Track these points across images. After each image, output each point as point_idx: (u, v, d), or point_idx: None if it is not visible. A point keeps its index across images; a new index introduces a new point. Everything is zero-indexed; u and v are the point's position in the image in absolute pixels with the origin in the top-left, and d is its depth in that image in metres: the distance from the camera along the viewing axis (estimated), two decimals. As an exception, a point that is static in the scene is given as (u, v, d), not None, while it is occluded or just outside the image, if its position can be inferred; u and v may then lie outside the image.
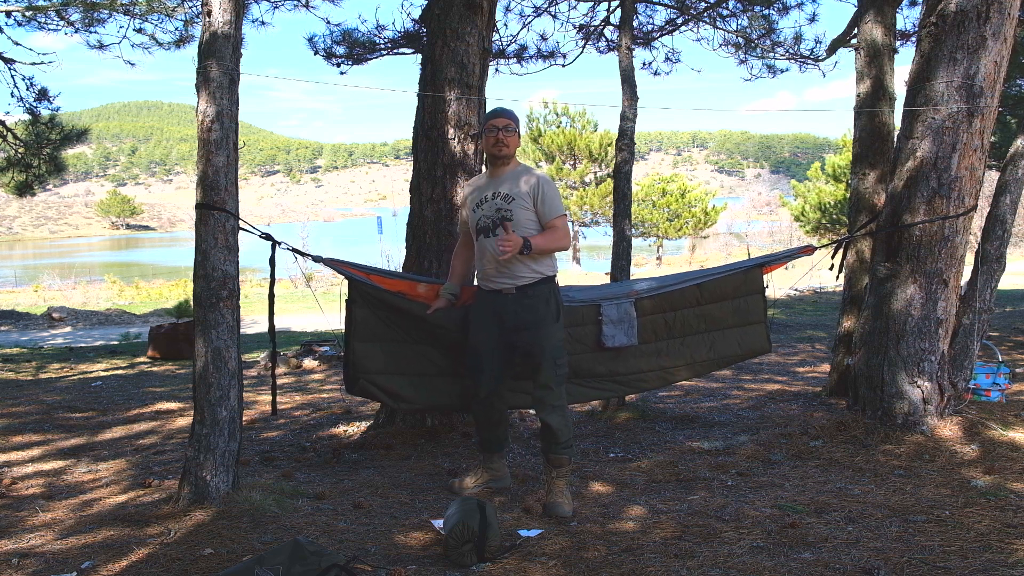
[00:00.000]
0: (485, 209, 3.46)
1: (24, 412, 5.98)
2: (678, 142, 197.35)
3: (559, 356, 3.42)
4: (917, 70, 4.18)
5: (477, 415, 3.72)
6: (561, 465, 3.42)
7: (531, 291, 3.39)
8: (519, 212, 3.39)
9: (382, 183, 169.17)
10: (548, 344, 3.39)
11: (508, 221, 3.35)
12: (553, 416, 3.41)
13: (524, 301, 3.38)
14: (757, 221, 50.99)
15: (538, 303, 3.39)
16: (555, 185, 3.48)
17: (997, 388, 4.68)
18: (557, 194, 3.45)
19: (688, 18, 7.90)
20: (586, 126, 31.35)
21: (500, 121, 3.44)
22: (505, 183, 3.44)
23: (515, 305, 3.40)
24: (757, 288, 4.38)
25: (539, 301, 3.39)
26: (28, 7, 8.85)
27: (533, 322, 3.38)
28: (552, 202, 3.41)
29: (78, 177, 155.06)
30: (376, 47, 7.02)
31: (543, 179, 3.44)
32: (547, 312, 3.39)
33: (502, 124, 3.43)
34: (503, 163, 3.48)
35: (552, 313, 3.41)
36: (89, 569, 2.78)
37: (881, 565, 2.66)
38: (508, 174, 3.47)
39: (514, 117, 3.51)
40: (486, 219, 3.45)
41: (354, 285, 3.74)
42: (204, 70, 3.30)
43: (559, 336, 3.45)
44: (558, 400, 3.43)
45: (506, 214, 3.39)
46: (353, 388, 3.79)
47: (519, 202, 3.39)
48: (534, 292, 3.39)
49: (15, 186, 10.10)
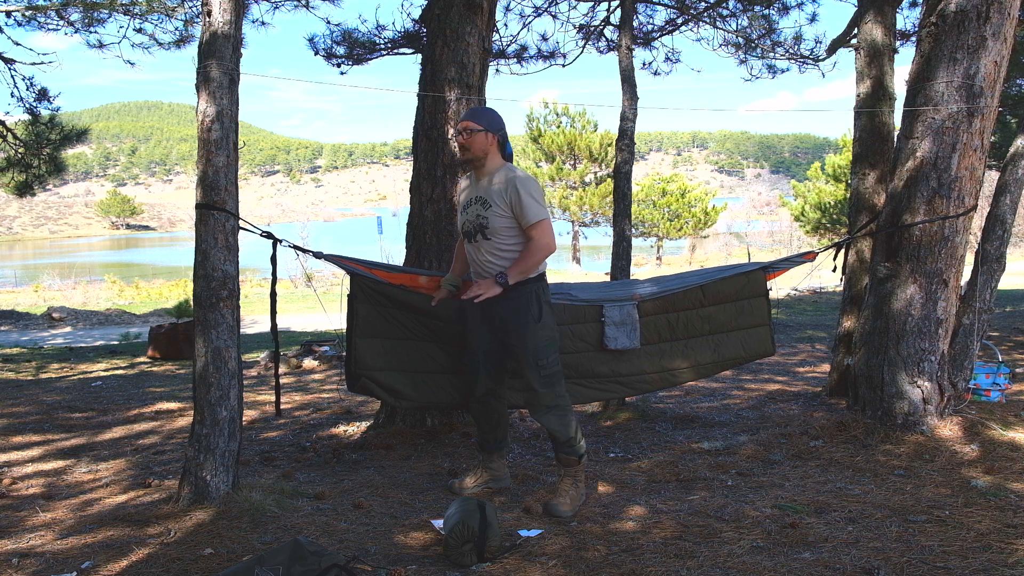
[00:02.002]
0: (468, 214, 3.41)
1: (24, 412, 5.98)
2: (678, 142, 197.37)
3: (541, 357, 3.32)
4: (917, 70, 4.18)
5: (475, 414, 3.71)
6: (567, 465, 3.41)
7: (512, 293, 3.30)
8: (495, 220, 3.30)
9: (382, 183, 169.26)
10: (529, 345, 3.31)
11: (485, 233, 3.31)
12: (546, 417, 3.38)
13: (506, 303, 3.32)
14: (757, 221, 51.04)
15: (519, 304, 3.31)
16: (532, 186, 3.28)
17: (997, 388, 4.68)
18: (534, 197, 3.26)
19: (688, 18, 7.90)
20: (586, 126, 31.35)
21: (461, 124, 3.37)
22: (483, 187, 3.37)
23: (498, 306, 3.34)
24: (761, 291, 4.39)
25: (520, 302, 3.31)
26: (28, 7, 8.84)
27: (514, 323, 3.33)
28: (528, 208, 3.24)
29: (78, 177, 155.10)
30: (376, 47, 7.02)
31: (518, 182, 3.26)
32: (528, 313, 3.31)
33: (462, 126, 3.36)
34: (476, 165, 3.40)
35: (534, 314, 3.31)
36: (89, 569, 2.78)
37: (881, 565, 2.66)
38: (486, 178, 3.38)
39: (477, 117, 3.36)
40: (469, 224, 3.41)
41: (356, 281, 3.74)
42: (204, 70, 3.30)
43: (543, 336, 3.33)
44: (550, 401, 3.36)
45: (483, 222, 3.33)
46: (354, 385, 3.78)
47: (495, 209, 3.30)
48: (515, 294, 3.31)
49: (15, 186, 10.10)
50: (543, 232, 3.27)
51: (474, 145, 3.34)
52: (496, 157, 3.41)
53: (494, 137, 3.37)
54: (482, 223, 3.34)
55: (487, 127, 3.35)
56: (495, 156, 3.40)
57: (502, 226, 3.31)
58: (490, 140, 3.36)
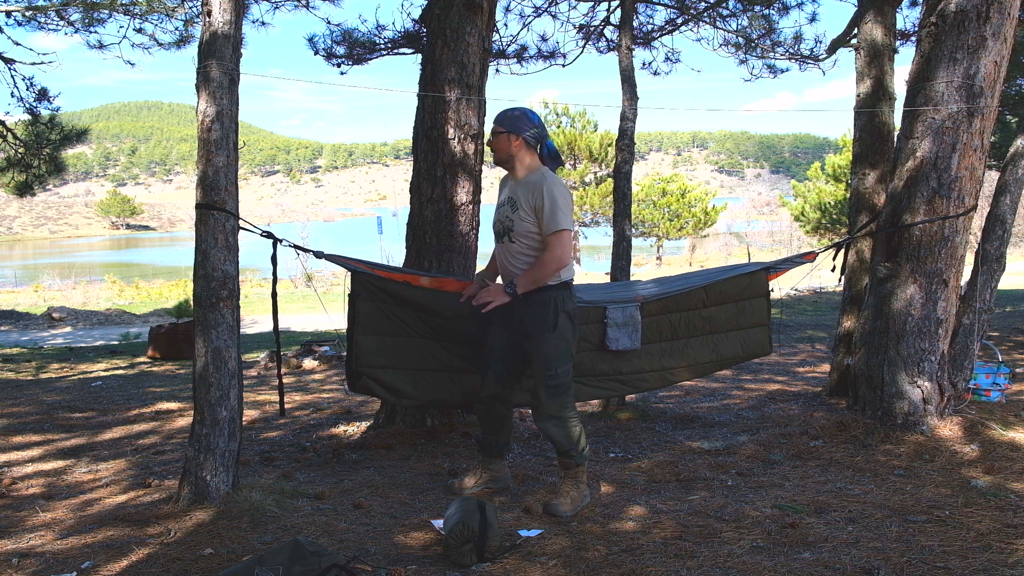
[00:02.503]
0: (499, 214, 3.44)
1: (24, 412, 5.98)
2: (678, 142, 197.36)
3: (550, 367, 3.28)
4: (917, 70, 4.18)
5: (479, 415, 3.70)
6: (566, 467, 3.41)
7: (530, 299, 3.31)
8: (519, 224, 3.31)
9: (382, 183, 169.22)
10: (541, 353, 3.30)
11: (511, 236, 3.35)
12: (547, 425, 3.36)
13: (525, 308, 3.33)
14: (757, 221, 51.05)
15: (536, 311, 3.31)
16: (559, 193, 3.24)
17: (997, 388, 4.68)
18: (560, 206, 3.22)
19: (688, 18, 7.90)
20: (586, 126, 31.33)
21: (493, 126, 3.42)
22: (515, 189, 3.39)
23: (518, 310, 3.36)
24: (762, 291, 4.40)
25: (537, 309, 3.30)
26: (28, 7, 8.85)
27: (530, 329, 3.32)
28: (552, 216, 3.21)
29: (78, 177, 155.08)
30: (376, 47, 7.02)
31: (545, 188, 3.24)
32: (543, 322, 3.29)
33: (492, 130, 3.41)
34: (507, 167, 3.42)
35: (549, 323, 3.28)
36: (89, 569, 2.78)
37: (881, 565, 2.66)
38: (521, 180, 3.38)
39: (501, 120, 3.37)
40: (498, 224, 3.43)
41: (357, 278, 3.73)
42: (204, 70, 3.30)
43: (556, 346, 3.29)
44: (554, 411, 3.33)
45: (509, 224, 3.36)
46: (355, 384, 3.77)
47: (521, 212, 3.31)
48: (533, 300, 3.31)
49: (15, 186, 10.10)
50: (558, 243, 3.23)
51: (497, 147, 3.38)
52: (527, 159, 3.39)
53: (519, 139, 3.34)
54: (508, 225, 3.36)
55: (509, 129, 3.34)
56: (526, 158, 3.38)
57: (526, 230, 3.31)
58: (513, 142, 3.35)
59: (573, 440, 3.36)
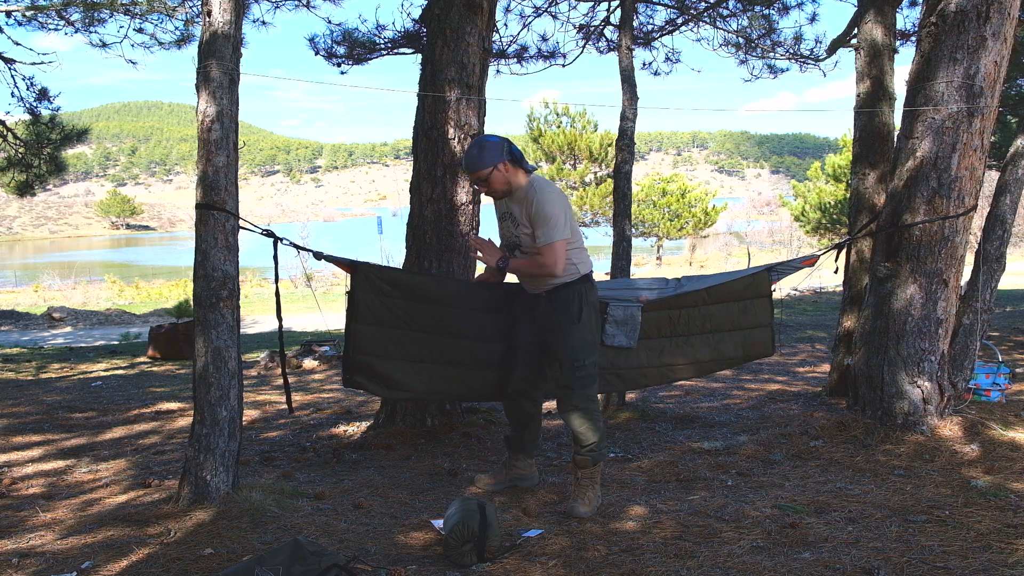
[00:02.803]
0: (503, 228, 3.54)
1: (24, 412, 5.98)
2: (678, 142, 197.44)
3: (577, 359, 3.37)
4: (917, 70, 4.18)
5: (507, 411, 3.80)
6: (583, 467, 3.41)
7: (554, 294, 3.42)
8: (525, 239, 3.41)
9: (382, 183, 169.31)
10: (567, 345, 3.38)
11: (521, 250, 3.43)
12: (572, 416, 3.40)
13: (550, 303, 3.43)
14: (757, 221, 51.01)
15: (560, 305, 3.40)
16: (553, 206, 3.25)
17: (997, 388, 4.68)
18: (550, 219, 3.24)
19: (688, 18, 7.90)
20: (586, 126, 31.30)
21: (472, 178, 3.44)
22: (509, 204, 3.44)
23: (543, 306, 3.46)
24: (764, 291, 4.40)
25: (561, 303, 3.40)
26: (29, 7, 8.85)
27: (556, 323, 3.42)
28: (543, 230, 3.27)
29: (78, 177, 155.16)
30: (376, 47, 7.02)
31: (536, 204, 3.27)
32: (567, 315, 3.38)
33: (473, 179, 3.43)
34: (508, 193, 3.42)
35: (573, 315, 3.38)
36: (89, 569, 2.78)
37: (881, 565, 2.66)
38: (514, 195, 3.41)
39: (476, 163, 3.32)
40: (505, 240, 3.55)
41: (358, 274, 3.70)
42: (204, 70, 3.30)
43: (582, 338, 3.38)
44: (581, 403, 3.39)
45: (516, 241, 3.45)
46: (350, 377, 3.70)
47: (523, 228, 3.39)
48: (557, 295, 3.41)
49: (15, 186, 10.11)
50: (548, 255, 3.29)
51: (496, 185, 3.36)
52: (519, 175, 3.39)
53: (504, 164, 3.34)
54: (515, 241, 3.46)
55: (493, 162, 3.32)
56: (517, 174, 3.39)
57: (530, 245, 3.40)
58: (504, 169, 3.35)
59: (596, 435, 3.40)
